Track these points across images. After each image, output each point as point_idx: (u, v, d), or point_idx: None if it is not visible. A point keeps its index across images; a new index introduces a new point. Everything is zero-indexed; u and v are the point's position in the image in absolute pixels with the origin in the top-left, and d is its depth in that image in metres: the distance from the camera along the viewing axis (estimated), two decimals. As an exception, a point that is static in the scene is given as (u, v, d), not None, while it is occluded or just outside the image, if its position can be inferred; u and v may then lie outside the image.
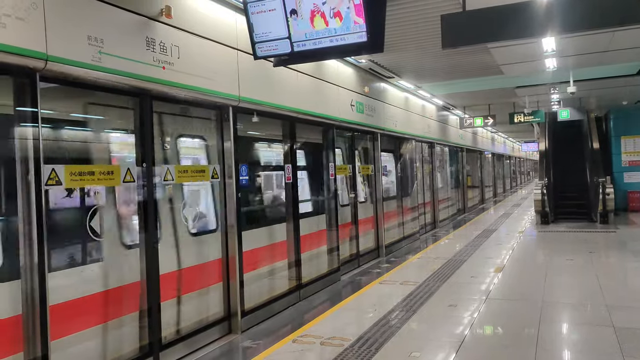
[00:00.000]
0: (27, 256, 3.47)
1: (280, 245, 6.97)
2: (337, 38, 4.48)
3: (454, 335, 5.26)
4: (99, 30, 3.90)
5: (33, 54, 3.40)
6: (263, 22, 4.72)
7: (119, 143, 4.87)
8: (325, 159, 8.16)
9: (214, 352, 5.08)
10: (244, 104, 5.76)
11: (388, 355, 4.72)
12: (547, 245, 11.26)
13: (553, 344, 4.99)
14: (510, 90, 13.30)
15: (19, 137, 3.53)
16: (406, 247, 11.42)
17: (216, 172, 5.56)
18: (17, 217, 3.49)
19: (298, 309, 6.65)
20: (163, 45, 4.57)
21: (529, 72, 10.74)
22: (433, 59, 9.15)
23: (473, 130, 20.95)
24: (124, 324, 4.50)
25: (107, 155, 4.70)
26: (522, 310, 6.07)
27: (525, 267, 8.88)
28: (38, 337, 3.47)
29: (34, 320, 3.48)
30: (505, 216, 17.17)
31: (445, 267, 8.61)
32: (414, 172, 13.03)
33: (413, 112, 12.77)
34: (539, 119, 15.56)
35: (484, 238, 12.02)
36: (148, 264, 4.55)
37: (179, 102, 5.09)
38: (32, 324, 3.49)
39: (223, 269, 5.68)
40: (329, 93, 7.92)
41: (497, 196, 28.20)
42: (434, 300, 6.58)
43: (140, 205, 4.55)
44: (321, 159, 8.23)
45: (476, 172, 22.79)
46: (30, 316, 3.49)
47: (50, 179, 3.61)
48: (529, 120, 15.56)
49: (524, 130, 25.26)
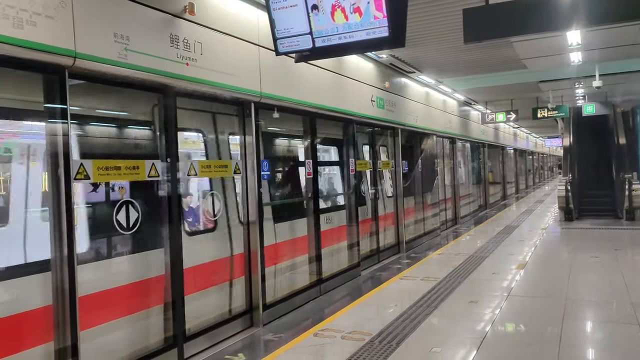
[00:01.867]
0: (57, 249, 3.57)
1: (300, 240, 7.02)
2: (358, 33, 4.49)
3: (475, 331, 5.24)
4: (124, 27, 3.98)
5: (62, 52, 3.48)
6: (285, 18, 4.75)
7: (144, 138, 4.96)
8: (346, 154, 8.18)
9: (236, 345, 5.16)
10: (266, 99, 5.80)
11: (409, 350, 4.73)
12: (571, 242, 11.10)
13: (577, 341, 4.94)
14: (534, 85, 13.10)
15: (48, 133, 3.63)
16: (427, 243, 11.37)
17: (238, 167, 5.62)
18: (48, 211, 3.59)
19: (318, 303, 6.69)
20: (186, 42, 4.63)
21: (553, 66, 10.57)
22: (454, 53, 9.08)
23: (495, 126, 20.68)
24: (150, 316, 4.59)
25: (133, 150, 4.79)
26: (545, 308, 6.01)
27: (549, 264, 8.77)
28: (68, 327, 3.57)
29: (64, 310, 3.58)
30: (528, 213, 16.95)
31: (466, 264, 8.55)
32: (435, 168, 12.95)
33: (434, 107, 12.68)
34: (563, 114, 15.31)
35: (506, 234, 11.90)
36: (172, 258, 4.63)
37: (201, 98, 5.15)
38: (62, 314, 3.59)
39: (245, 263, 5.74)
40: (349, 88, 7.92)
41: (520, 192, 27.84)
42: (455, 296, 6.55)
43: (165, 199, 4.63)
44: (341, 154, 8.24)
45: (498, 168, 22.53)
46: (60, 307, 3.59)
47: (79, 174, 3.71)
48: (553, 115, 15.31)
49: (547, 125, 24.87)
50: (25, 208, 3.92)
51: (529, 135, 32.85)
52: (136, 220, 4.33)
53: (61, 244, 3.56)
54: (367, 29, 4.44)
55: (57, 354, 3.59)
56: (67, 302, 3.58)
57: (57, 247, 3.57)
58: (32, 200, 3.94)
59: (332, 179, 8.44)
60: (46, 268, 3.59)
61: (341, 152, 8.22)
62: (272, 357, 4.73)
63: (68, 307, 3.58)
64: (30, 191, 3.93)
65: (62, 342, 3.59)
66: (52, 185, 3.60)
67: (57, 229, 3.57)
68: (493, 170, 21.31)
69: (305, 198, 7.16)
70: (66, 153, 3.60)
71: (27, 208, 3.93)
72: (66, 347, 3.59)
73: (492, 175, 21.06)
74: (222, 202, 5.72)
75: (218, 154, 5.78)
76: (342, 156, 8.21)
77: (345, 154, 8.18)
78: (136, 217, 4.34)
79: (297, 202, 7.42)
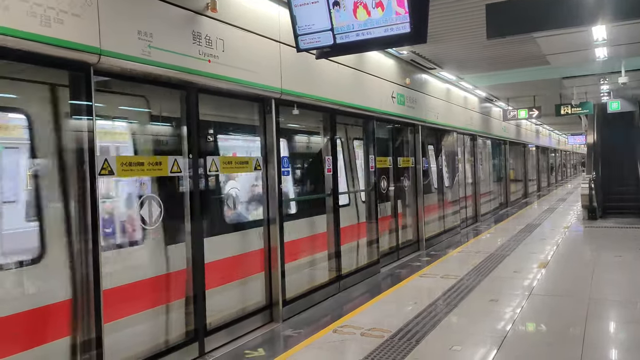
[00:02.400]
0: (81, 242, 3.64)
1: (320, 236, 7.03)
2: (380, 29, 4.47)
3: (496, 330, 5.19)
4: (148, 25, 4.02)
5: (88, 49, 3.54)
6: (306, 14, 4.76)
7: (166, 135, 5.01)
8: (366, 150, 8.16)
9: (256, 340, 5.20)
10: (286, 96, 5.82)
11: (429, 348, 4.71)
12: (594, 241, 10.91)
13: (600, 342, 4.87)
14: (557, 81, 12.87)
15: (74, 129, 3.70)
16: (446, 240, 11.29)
17: (259, 163, 5.65)
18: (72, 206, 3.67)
19: (337, 299, 6.70)
20: (208, 39, 4.66)
21: (577, 62, 10.38)
22: (477, 49, 8.97)
23: (517, 123, 20.39)
24: (171, 310, 4.66)
25: (155, 146, 4.85)
26: (568, 307, 5.92)
27: (571, 263, 8.64)
28: (93, 319, 3.64)
29: (89, 303, 3.65)
30: (550, 211, 16.70)
31: (486, 262, 8.47)
32: (455, 165, 12.84)
33: (455, 103, 12.57)
34: (587, 110, 15.00)
35: (527, 233, 11.75)
36: (194, 253, 4.69)
37: (223, 94, 5.19)
38: (86, 307, 3.66)
39: (265, 259, 5.78)
40: (369, 85, 7.89)
41: (542, 190, 27.44)
42: (475, 294, 6.50)
43: (187, 196, 4.69)
44: (361, 150, 8.22)
45: (519, 166, 22.23)
46: (85, 299, 3.67)
47: (104, 169, 3.77)
48: (577, 112, 15.01)
49: (570, 122, 24.39)
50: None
51: (551, 133, 32.33)
52: (159, 215, 4.40)
53: (86, 237, 3.63)
54: (388, 25, 4.42)
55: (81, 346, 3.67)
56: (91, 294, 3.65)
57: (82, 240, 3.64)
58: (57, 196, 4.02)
59: (351, 175, 8.42)
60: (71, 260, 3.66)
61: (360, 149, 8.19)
62: (292, 353, 4.75)
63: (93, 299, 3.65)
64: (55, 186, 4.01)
65: (87, 334, 3.67)
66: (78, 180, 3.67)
67: (82, 223, 3.64)
68: (514, 168, 21.04)
69: (325, 194, 7.17)
70: (91, 149, 3.66)
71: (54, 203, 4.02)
72: (90, 340, 3.66)
73: (514, 173, 20.79)
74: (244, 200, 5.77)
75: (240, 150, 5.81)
76: (361, 152, 8.19)
77: (365, 150, 8.16)
78: (159, 212, 4.40)
79: (317, 198, 7.43)
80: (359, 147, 8.38)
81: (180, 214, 4.70)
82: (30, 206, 3.69)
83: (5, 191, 3.69)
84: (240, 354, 4.78)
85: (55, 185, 3.69)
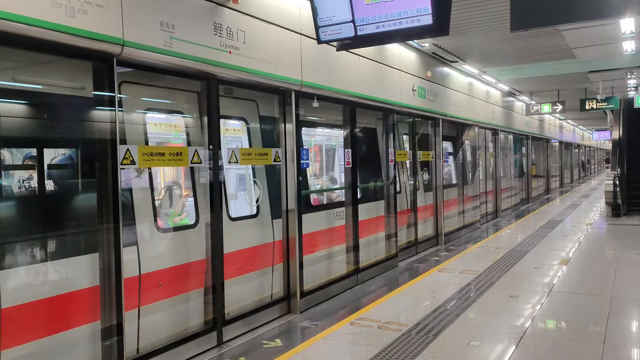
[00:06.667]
0: (104, 231, 3.71)
1: (338, 229, 7.03)
2: (401, 21, 4.42)
3: (515, 326, 5.13)
4: (170, 16, 4.05)
5: (111, 40, 3.58)
6: (327, 5, 4.73)
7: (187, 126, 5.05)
8: (385, 144, 8.11)
9: (273, 330, 5.23)
10: (306, 88, 5.81)
11: (446, 343, 4.69)
12: (617, 239, 10.70)
13: (622, 340, 4.78)
14: (582, 75, 12.59)
15: (96, 120, 3.75)
16: (466, 235, 11.19)
17: (278, 155, 5.66)
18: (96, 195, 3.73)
19: (355, 292, 6.70)
20: (230, 30, 4.67)
21: (604, 56, 10.16)
22: (500, 42, 8.84)
23: (540, 117, 20.03)
24: (190, 299, 4.72)
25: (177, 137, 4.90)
26: (589, 305, 5.83)
27: (593, 260, 8.49)
28: (114, 306, 3.71)
29: (110, 291, 3.72)
30: (572, 207, 16.42)
31: (506, 258, 8.38)
32: (476, 160, 12.69)
33: (476, 97, 12.41)
34: (613, 105, 14.67)
35: (549, 229, 11.57)
36: (213, 242, 4.73)
37: (243, 86, 5.20)
38: (108, 294, 3.73)
39: (283, 251, 5.80)
40: (390, 77, 7.83)
41: (564, 186, 26.99)
42: (494, 290, 6.43)
43: (207, 186, 4.73)
44: (381, 144, 8.18)
45: (542, 161, 21.88)
46: (107, 287, 3.74)
47: (125, 159, 3.82)
48: (602, 107, 14.68)
49: (595, 117, 23.92)
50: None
51: (575, 128, 31.71)
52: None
53: (108, 226, 3.69)
54: (411, 17, 4.36)
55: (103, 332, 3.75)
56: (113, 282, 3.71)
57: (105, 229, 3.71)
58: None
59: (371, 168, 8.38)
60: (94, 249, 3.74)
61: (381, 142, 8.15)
62: (309, 344, 4.77)
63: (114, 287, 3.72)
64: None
65: (108, 320, 3.74)
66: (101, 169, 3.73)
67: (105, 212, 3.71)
68: (536, 163, 20.71)
69: (344, 187, 7.16)
70: (113, 139, 3.71)
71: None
72: (112, 326, 3.73)
73: (536, 168, 20.47)
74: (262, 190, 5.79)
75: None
76: (381, 146, 8.14)
77: (385, 144, 8.11)
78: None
79: (336, 191, 7.43)
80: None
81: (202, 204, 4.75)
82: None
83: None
84: (257, 344, 4.82)
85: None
